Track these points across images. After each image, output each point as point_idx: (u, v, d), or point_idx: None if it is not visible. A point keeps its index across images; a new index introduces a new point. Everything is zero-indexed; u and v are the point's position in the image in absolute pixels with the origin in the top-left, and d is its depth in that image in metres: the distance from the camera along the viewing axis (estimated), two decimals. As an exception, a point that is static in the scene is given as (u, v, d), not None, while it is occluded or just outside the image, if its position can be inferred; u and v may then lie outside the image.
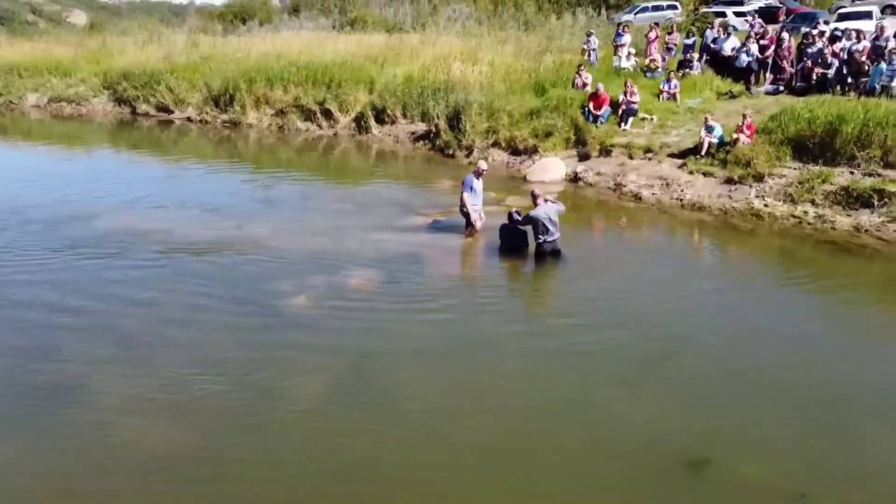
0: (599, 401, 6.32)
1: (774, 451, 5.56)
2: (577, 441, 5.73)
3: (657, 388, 6.54)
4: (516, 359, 7.10)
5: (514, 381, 6.67)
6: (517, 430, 5.88)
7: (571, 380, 6.65)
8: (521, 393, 6.47)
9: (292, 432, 5.90)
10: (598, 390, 6.48)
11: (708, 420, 6.03)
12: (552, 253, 9.94)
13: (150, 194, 13.74)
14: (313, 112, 21.94)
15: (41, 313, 8.10)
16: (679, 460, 5.41)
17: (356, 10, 42.33)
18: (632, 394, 6.42)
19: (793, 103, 14.17)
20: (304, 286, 8.91)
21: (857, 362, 7.16)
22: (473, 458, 5.51)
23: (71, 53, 29.17)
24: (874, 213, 11.56)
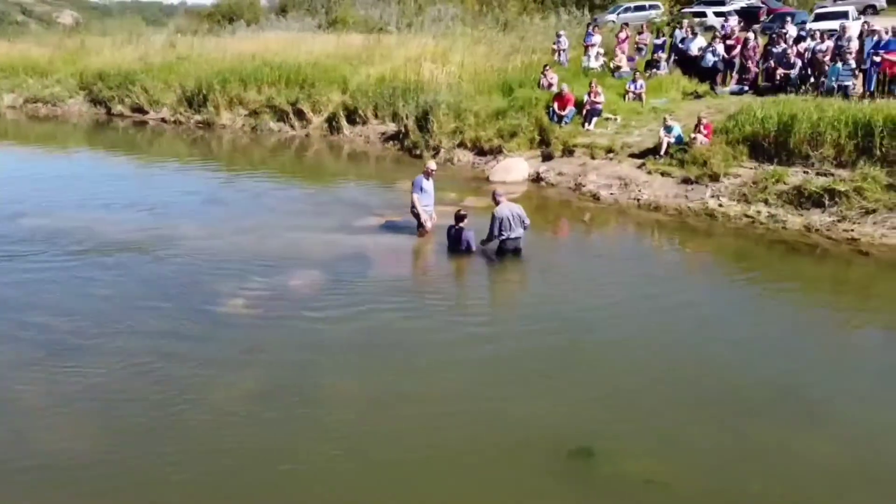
0: (492, 398, 6.36)
1: (660, 445, 5.65)
2: (461, 436, 5.79)
3: (557, 385, 6.61)
4: (428, 358, 7.12)
5: (422, 382, 6.68)
6: (409, 424, 5.96)
7: (474, 379, 6.69)
8: (426, 392, 6.51)
9: (206, 434, 5.89)
10: (495, 388, 6.54)
11: (602, 414, 6.14)
12: (513, 251, 10.00)
13: (103, 194, 13.69)
14: (286, 112, 21.92)
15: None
16: (562, 452, 5.54)
17: (338, 11, 42.33)
18: (529, 391, 6.49)
19: (751, 103, 14.21)
20: (244, 287, 8.91)
21: (771, 358, 7.22)
22: (366, 456, 5.53)
23: (48, 54, 29.01)
24: (825, 213, 11.62)
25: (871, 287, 9.82)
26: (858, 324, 8.40)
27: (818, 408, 6.27)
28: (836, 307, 8.91)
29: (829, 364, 7.18)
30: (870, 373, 6.99)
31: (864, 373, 6.98)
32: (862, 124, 12.17)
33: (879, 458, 5.55)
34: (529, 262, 10.10)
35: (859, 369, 7.08)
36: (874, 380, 6.83)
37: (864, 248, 10.67)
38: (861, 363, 7.26)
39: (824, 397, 6.45)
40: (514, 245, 10.01)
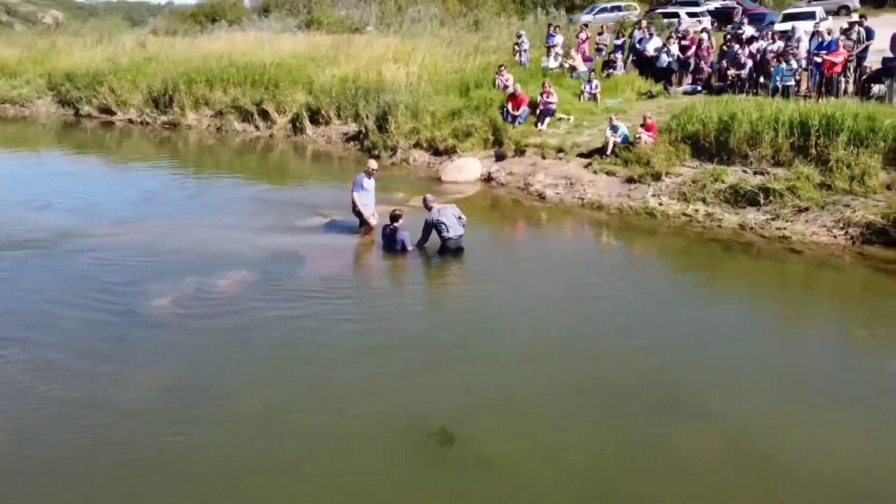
0: (373, 390, 6.56)
1: (524, 433, 5.89)
2: (335, 423, 6.04)
3: (439, 378, 6.77)
4: (330, 353, 7.25)
5: (318, 375, 6.84)
6: (279, 415, 6.14)
7: (364, 373, 6.84)
8: (320, 383, 6.71)
9: (104, 431, 5.98)
10: (380, 380, 6.72)
11: (477, 404, 6.30)
12: (455, 250, 10.14)
13: (47, 194, 13.80)
14: (251, 113, 21.99)
15: None
16: (422, 435, 5.81)
17: (315, 11, 42.35)
18: (412, 382, 6.69)
19: (695, 103, 14.39)
20: (173, 287, 8.99)
21: (670, 354, 7.37)
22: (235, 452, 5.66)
23: (17, 54, 28.97)
24: (759, 212, 11.80)
25: (792, 284, 9.97)
26: (772, 320, 8.54)
27: (699, 402, 6.41)
28: (756, 305, 9.05)
29: (727, 360, 7.29)
30: (769, 370, 7.13)
31: (760, 369, 7.12)
32: (798, 124, 12.36)
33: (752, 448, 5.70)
34: (462, 262, 10.22)
35: (762, 366, 7.21)
36: (772, 376, 6.97)
37: (795, 247, 10.85)
38: (762, 359, 7.38)
39: (705, 391, 6.59)
40: (456, 244, 10.14)
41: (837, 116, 12.02)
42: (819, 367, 7.26)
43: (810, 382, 6.85)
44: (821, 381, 6.88)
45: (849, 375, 7.02)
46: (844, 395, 6.56)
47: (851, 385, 6.80)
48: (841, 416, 6.20)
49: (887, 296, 9.40)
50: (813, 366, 7.29)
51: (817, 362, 7.37)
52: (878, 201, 11.08)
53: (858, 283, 9.90)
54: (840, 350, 7.74)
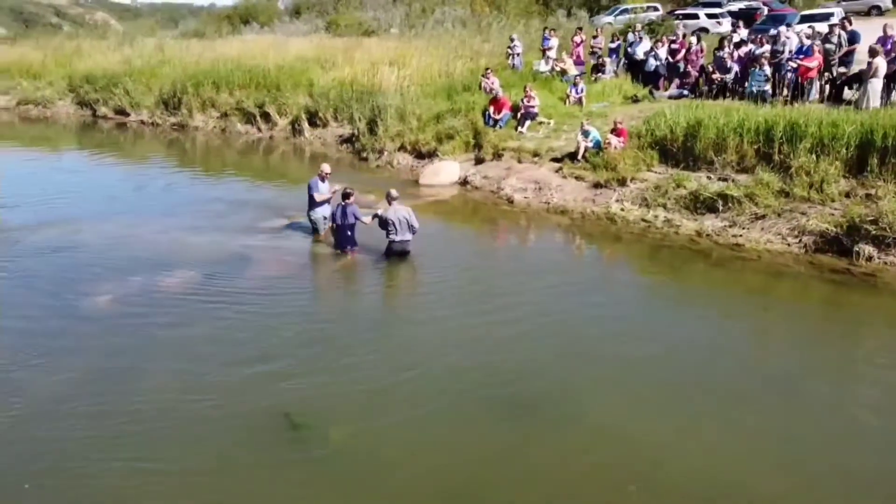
0: (260, 385, 6.88)
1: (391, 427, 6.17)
2: (205, 411, 6.37)
3: (332, 377, 7.04)
4: (248, 349, 7.58)
5: (221, 368, 7.17)
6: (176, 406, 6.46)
7: (261, 371, 7.13)
8: (223, 372, 7.06)
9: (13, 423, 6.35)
10: (274, 378, 7.02)
11: (352, 400, 6.61)
12: (400, 253, 10.37)
13: (28, 191, 14.51)
14: (253, 115, 22.52)
15: None
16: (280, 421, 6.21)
17: (334, 14, 42.98)
18: (302, 381, 6.93)
19: (663, 108, 14.31)
20: (120, 284, 9.41)
21: (574, 359, 7.47)
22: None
23: (42, 57, 30.10)
24: (717, 218, 11.73)
25: (724, 291, 9.88)
26: (690, 325, 8.53)
27: (582, 409, 6.51)
28: (679, 309, 9.06)
29: (626, 367, 7.36)
30: (665, 374, 7.17)
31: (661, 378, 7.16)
32: (763, 130, 12.24)
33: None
34: (409, 263, 10.43)
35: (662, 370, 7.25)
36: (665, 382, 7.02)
37: (747, 254, 10.78)
38: (660, 362, 7.43)
39: (590, 400, 6.69)
40: (401, 247, 10.38)
41: (801, 123, 11.87)
42: (717, 370, 7.26)
43: (699, 387, 6.87)
44: (715, 386, 6.90)
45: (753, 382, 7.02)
46: (743, 400, 6.59)
47: (749, 390, 6.81)
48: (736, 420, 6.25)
49: (820, 303, 9.34)
50: (710, 370, 7.29)
51: (714, 366, 7.37)
52: (835, 209, 10.93)
53: (795, 290, 9.82)
54: (751, 355, 7.72)
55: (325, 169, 11.64)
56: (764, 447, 5.87)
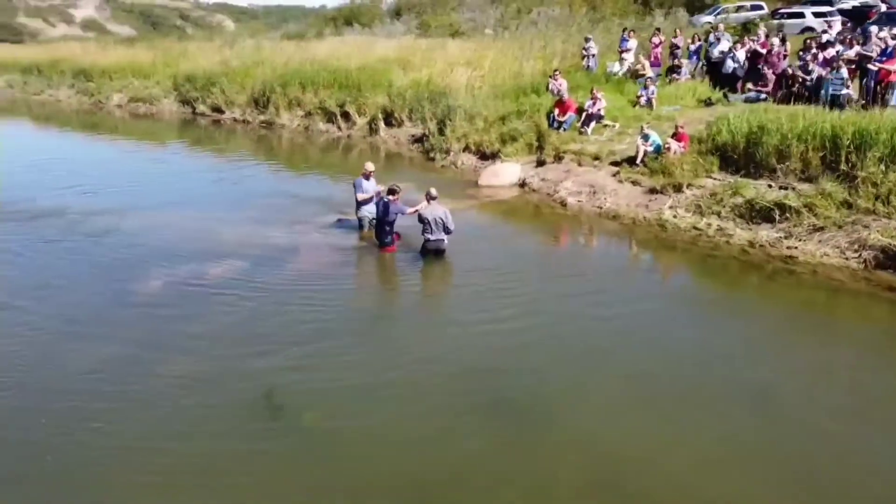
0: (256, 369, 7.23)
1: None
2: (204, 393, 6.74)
3: (326, 364, 7.37)
4: (264, 340, 7.91)
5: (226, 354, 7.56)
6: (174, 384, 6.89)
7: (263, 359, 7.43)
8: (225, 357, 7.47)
9: (45, 395, 7.01)
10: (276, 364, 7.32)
11: (337, 389, 6.89)
12: (434, 252, 10.60)
13: (106, 181, 15.93)
14: (334, 114, 23.35)
15: None
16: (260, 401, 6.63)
17: (425, 15, 43.60)
18: (298, 369, 7.26)
19: (727, 112, 13.75)
20: (170, 271, 10.09)
21: (572, 363, 7.40)
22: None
23: (151, 57, 32.35)
24: (773, 229, 11.20)
25: (759, 304, 9.43)
26: (718, 339, 8.24)
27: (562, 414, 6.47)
28: (726, 330, 8.70)
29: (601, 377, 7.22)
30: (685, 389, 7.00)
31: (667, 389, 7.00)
32: (829, 137, 11.57)
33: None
34: (443, 263, 10.59)
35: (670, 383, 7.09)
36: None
37: (798, 267, 10.25)
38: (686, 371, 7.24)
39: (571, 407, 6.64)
40: (435, 246, 10.58)
41: (871, 130, 11.14)
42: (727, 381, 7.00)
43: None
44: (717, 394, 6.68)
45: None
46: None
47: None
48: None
49: (881, 325, 8.76)
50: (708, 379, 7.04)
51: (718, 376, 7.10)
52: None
53: (853, 309, 9.25)
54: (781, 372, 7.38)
55: (368, 167, 11.90)
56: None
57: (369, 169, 11.85)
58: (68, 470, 5.73)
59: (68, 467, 5.76)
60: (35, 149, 21.83)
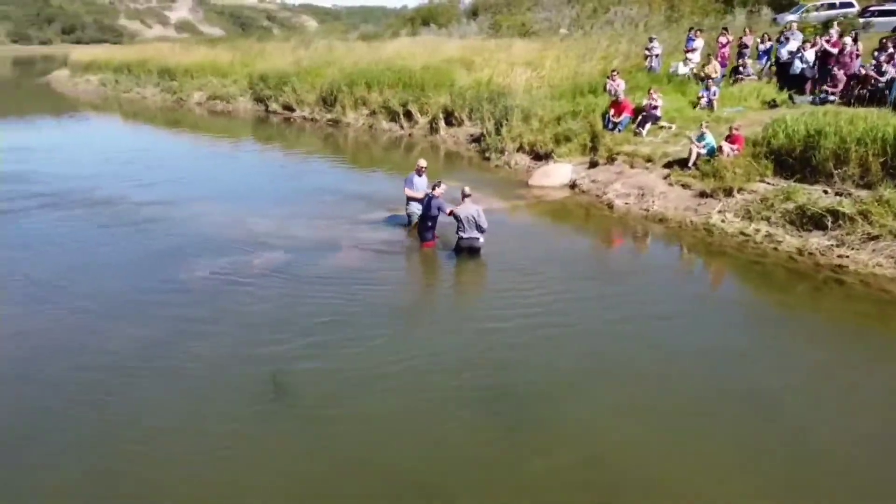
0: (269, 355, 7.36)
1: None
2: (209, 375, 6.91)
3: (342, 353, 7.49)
4: (286, 330, 8.20)
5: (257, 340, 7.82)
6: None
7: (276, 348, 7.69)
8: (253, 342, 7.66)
9: (90, 375, 7.54)
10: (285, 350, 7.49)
11: (337, 370, 7.21)
12: (468, 250, 10.74)
13: (179, 173, 16.93)
14: (397, 113, 23.74)
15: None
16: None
17: (505, 15, 43.53)
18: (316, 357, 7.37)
19: (785, 115, 13.21)
20: (216, 262, 10.59)
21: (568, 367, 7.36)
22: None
23: (230, 57, 33.71)
24: (825, 236, 10.73)
25: (797, 314, 9.06)
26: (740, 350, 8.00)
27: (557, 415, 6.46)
28: (759, 342, 8.45)
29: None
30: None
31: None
32: (891, 142, 10.99)
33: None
34: (477, 261, 10.67)
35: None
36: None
37: (847, 277, 9.81)
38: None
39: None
40: (468, 244, 10.70)
41: (936, 134, 10.53)
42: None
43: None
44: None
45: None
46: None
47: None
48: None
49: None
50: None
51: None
52: (963, 234, 9.61)
53: (890, 319, 8.79)
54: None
55: (421, 164, 12.07)
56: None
57: (422, 165, 11.99)
58: (83, 434, 6.17)
59: (82, 433, 6.20)
60: (116, 142, 23.28)
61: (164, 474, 5.70)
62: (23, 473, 5.71)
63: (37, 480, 5.63)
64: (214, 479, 5.66)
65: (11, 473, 5.71)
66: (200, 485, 5.60)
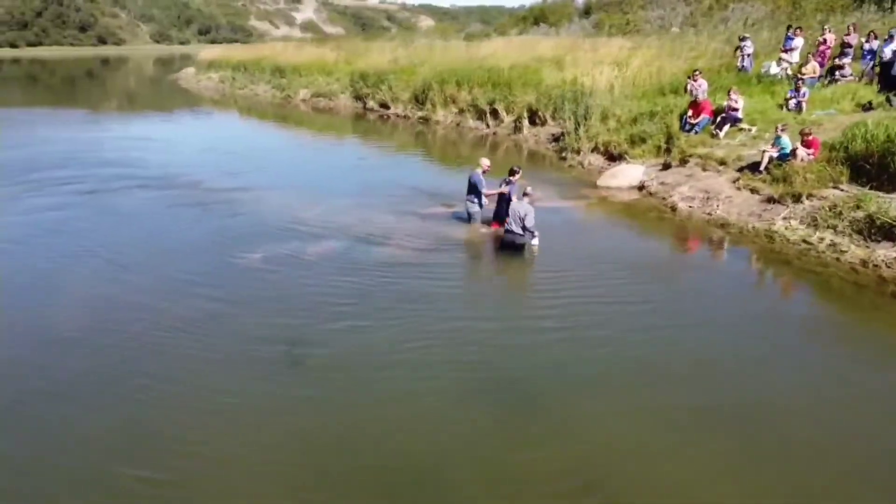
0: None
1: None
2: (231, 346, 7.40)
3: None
4: (315, 309, 8.65)
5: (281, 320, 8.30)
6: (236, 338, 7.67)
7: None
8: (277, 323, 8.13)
9: (147, 341, 8.35)
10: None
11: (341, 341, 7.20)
12: (510, 245, 10.93)
13: (259, 163, 18.10)
14: (484, 111, 24.01)
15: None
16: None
17: (615, 13, 42.72)
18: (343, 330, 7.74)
19: (866, 119, 12.35)
20: (274, 247, 11.28)
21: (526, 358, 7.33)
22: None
23: (334, 56, 35.17)
24: (894, 248, 10.04)
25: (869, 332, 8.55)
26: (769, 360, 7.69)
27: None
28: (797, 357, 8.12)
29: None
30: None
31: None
32: (978, 148, 10.12)
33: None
34: (521, 258, 10.78)
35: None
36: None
37: (907, 291, 9.18)
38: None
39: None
40: (511, 240, 10.86)
41: None
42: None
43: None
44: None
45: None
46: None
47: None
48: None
49: None
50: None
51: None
52: None
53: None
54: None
55: (484, 163, 12.26)
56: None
57: (485, 164, 12.19)
58: (112, 391, 6.89)
59: (110, 391, 6.92)
60: (223, 135, 25.11)
61: (181, 429, 6.31)
62: (62, 424, 6.47)
63: (72, 430, 6.36)
64: (219, 430, 6.23)
65: (52, 422, 6.48)
66: (208, 436, 6.16)
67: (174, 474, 5.71)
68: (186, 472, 5.76)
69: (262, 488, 5.56)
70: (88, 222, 12.75)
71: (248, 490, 5.55)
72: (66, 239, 11.77)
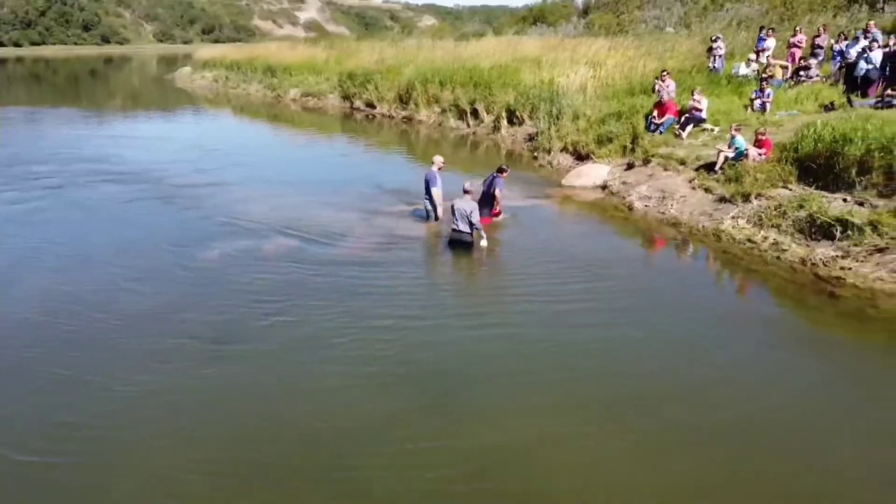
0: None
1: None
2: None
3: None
4: (276, 302, 8.87)
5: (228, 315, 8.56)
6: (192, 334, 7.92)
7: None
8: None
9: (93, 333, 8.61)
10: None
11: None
12: (459, 243, 11.11)
13: (242, 161, 18.48)
14: (465, 111, 24.21)
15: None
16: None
17: (609, 13, 42.80)
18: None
19: (817, 119, 12.51)
20: (231, 244, 11.51)
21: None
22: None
23: (325, 56, 35.42)
24: (833, 246, 10.20)
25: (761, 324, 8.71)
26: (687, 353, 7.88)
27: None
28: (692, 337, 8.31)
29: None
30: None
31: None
32: (917, 150, 10.27)
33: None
34: (468, 258, 10.97)
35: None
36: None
37: (842, 290, 9.33)
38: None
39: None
40: (458, 237, 11.05)
41: (964, 143, 9.74)
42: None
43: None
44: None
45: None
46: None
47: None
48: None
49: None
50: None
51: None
52: (976, 249, 8.90)
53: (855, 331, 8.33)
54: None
55: (437, 160, 12.45)
56: None
57: (438, 162, 12.43)
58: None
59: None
60: (210, 133, 25.40)
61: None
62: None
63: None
64: (134, 418, 6.45)
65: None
66: (121, 423, 6.39)
67: (84, 458, 5.96)
68: (96, 455, 6.00)
69: (174, 472, 5.78)
70: (44, 215, 13.10)
71: (160, 473, 5.78)
72: (16, 230, 12.09)
